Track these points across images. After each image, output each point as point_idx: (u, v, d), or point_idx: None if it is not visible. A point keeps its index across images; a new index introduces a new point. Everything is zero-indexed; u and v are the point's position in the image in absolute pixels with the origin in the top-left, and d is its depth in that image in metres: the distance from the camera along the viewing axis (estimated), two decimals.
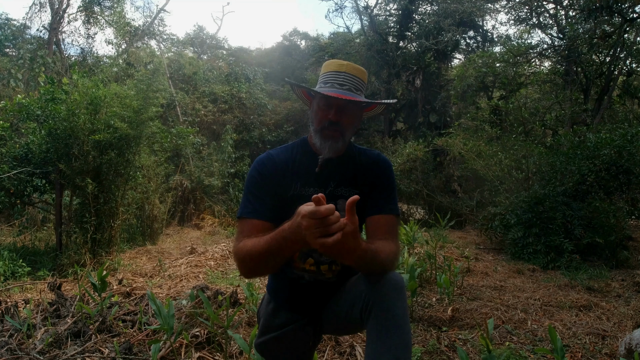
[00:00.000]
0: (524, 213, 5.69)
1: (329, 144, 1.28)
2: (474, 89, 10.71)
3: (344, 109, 1.28)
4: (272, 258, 1.11)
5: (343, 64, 1.31)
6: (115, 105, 5.11)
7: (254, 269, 1.18)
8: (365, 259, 1.10)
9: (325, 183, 1.33)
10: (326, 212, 0.92)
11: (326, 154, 1.28)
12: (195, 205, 9.28)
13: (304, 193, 1.32)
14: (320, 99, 1.31)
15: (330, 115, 1.27)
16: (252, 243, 1.15)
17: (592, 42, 7.64)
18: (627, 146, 5.60)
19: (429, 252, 3.99)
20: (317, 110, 1.31)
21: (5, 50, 12.21)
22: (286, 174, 1.32)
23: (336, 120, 1.27)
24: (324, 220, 0.93)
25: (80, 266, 4.41)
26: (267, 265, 1.15)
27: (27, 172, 5.10)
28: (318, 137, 1.30)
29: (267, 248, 1.09)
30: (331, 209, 0.92)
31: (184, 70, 12.85)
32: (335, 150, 1.29)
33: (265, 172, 1.32)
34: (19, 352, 2.21)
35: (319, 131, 1.29)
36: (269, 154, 1.37)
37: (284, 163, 1.34)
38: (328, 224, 0.93)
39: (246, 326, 2.74)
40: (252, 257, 1.14)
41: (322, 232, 0.93)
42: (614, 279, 4.38)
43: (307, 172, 1.34)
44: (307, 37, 21.14)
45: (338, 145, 1.29)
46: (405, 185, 9.42)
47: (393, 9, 13.59)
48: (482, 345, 1.89)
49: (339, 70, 1.30)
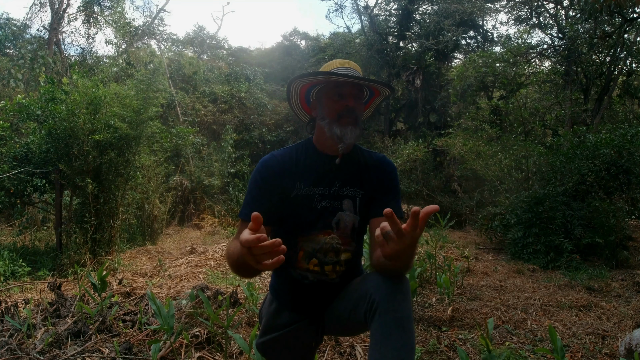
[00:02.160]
0: (523, 213, 5.69)
1: (349, 129, 1.28)
2: (474, 88, 10.72)
3: (357, 98, 1.31)
4: (242, 267, 1.13)
5: (347, 61, 1.36)
6: (115, 105, 5.11)
7: (235, 270, 1.21)
8: (412, 263, 1.11)
9: (331, 183, 1.33)
10: (246, 244, 0.88)
11: (348, 140, 1.28)
12: (195, 205, 9.28)
13: (309, 193, 1.32)
14: (332, 91, 1.32)
15: (347, 102, 1.29)
16: (233, 247, 1.17)
17: (592, 42, 7.65)
18: (627, 146, 5.60)
19: (429, 252, 3.99)
20: (328, 102, 1.32)
21: (6, 50, 12.21)
22: (290, 175, 1.32)
23: (353, 106, 1.29)
24: (253, 249, 0.89)
25: (80, 266, 4.41)
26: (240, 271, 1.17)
27: (27, 172, 5.09)
28: (336, 126, 1.29)
29: (236, 258, 1.12)
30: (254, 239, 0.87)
31: (184, 70, 12.85)
32: (356, 135, 1.29)
33: (267, 173, 1.32)
34: (19, 352, 2.21)
35: (337, 120, 1.29)
36: (272, 155, 1.37)
37: (287, 164, 1.34)
38: (256, 252, 0.90)
39: (246, 326, 2.74)
40: (229, 260, 1.19)
41: (255, 259, 0.91)
42: (614, 279, 4.38)
43: (312, 172, 1.34)
44: (307, 37, 21.11)
45: (357, 131, 1.30)
46: (405, 185, 9.43)
47: (393, 9, 13.60)
48: (482, 345, 1.89)
49: (344, 66, 1.35)
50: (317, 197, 1.32)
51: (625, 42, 8.04)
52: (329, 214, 1.32)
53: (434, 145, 9.97)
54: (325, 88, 1.35)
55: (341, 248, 1.33)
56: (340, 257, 1.34)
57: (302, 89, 1.42)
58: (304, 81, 1.36)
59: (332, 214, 1.32)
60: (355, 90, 1.30)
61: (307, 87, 1.41)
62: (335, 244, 1.32)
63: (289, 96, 1.43)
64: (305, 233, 1.32)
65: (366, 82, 1.31)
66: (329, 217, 1.32)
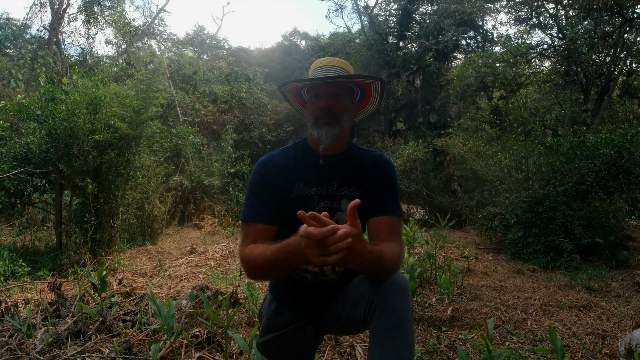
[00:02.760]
0: (523, 213, 5.69)
1: (325, 129, 1.27)
2: (474, 89, 10.71)
3: (333, 96, 1.29)
4: (278, 268, 1.14)
5: (324, 59, 1.37)
6: (115, 105, 5.11)
7: (259, 275, 1.22)
8: (370, 261, 1.10)
9: (328, 183, 1.33)
10: (320, 235, 0.93)
11: (324, 141, 1.27)
12: (195, 205, 9.28)
13: (307, 193, 1.32)
14: (310, 93, 1.33)
15: (321, 103, 1.28)
16: (258, 251, 1.17)
17: (592, 42, 7.64)
18: (627, 146, 5.59)
19: (429, 252, 3.99)
20: (310, 105, 1.33)
21: (6, 50, 12.21)
22: (289, 175, 1.33)
23: (326, 105, 1.28)
24: (322, 241, 0.93)
25: (80, 266, 4.41)
26: (272, 273, 1.21)
27: (27, 172, 5.09)
28: (315, 128, 1.29)
29: (274, 259, 1.12)
30: (329, 230, 0.93)
31: (184, 70, 12.84)
32: (333, 135, 1.27)
33: (267, 173, 1.32)
34: (19, 352, 2.21)
35: (315, 122, 1.30)
36: (270, 155, 1.37)
37: (285, 164, 1.34)
38: (327, 244, 0.94)
39: (246, 326, 2.74)
40: (258, 265, 1.17)
41: (321, 252, 0.95)
42: (614, 279, 4.38)
43: (309, 172, 1.34)
44: (307, 37, 21.13)
45: (335, 130, 1.28)
46: (405, 185, 9.42)
47: (393, 9, 13.60)
48: (482, 345, 1.89)
49: (321, 65, 1.35)
50: (316, 197, 1.32)
51: (625, 42, 8.04)
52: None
53: (434, 145, 9.97)
54: (308, 90, 1.36)
55: None
56: None
57: (294, 93, 1.43)
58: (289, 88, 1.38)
59: (330, 215, 1.32)
60: (331, 90, 1.29)
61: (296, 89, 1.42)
62: None
63: (288, 100, 1.45)
64: None
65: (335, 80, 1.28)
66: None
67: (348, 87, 1.36)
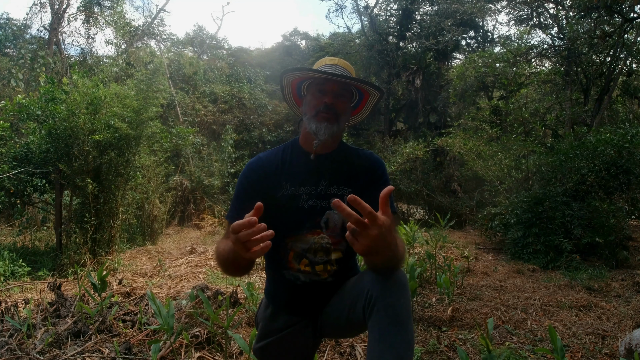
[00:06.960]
0: (523, 213, 5.69)
1: (324, 125, 1.28)
2: (474, 89, 10.72)
3: (338, 96, 1.31)
4: (229, 262, 1.17)
5: (335, 59, 1.38)
6: (115, 105, 5.11)
7: (223, 268, 1.26)
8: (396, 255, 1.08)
9: (317, 182, 1.34)
10: (238, 227, 0.93)
11: (321, 136, 1.28)
12: (195, 205, 9.28)
13: (295, 193, 1.33)
14: (314, 87, 1.33)
15: (325, 99, 1.29)
16: (220, 247, 1.22)
17: (592, 42, 7.63)
18: (627, 146, 5.59)
19: (429, 252, 3.99)
20: (312, 99, 1.33)
21: (6, 50, 12.22)
22: (275, 175, 1.34)
23: (331, 103, 1.29)
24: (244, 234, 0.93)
25: (80, 266, 4.41)
26: (230, 268, 1.23)
27: (27, 172, 5.10)
28: (313, 121, 1.30)
29: (225, 254, 1.16)
30: (245, 223, 0.93)
31: (184, 70, 12.85)
32: (331, 132, 1.29)
33: (252, 176, 1.34)
34: (19, 352, 2.21)
35: (314, 115, 1.30)
36: (258, 157, 1.39)
37: (273, 164, 1.36)
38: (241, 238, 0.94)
39: (246, 326, 2.74)
40: (219, 260, 1.24)
41: (241, 246, 0.95)
42: (614, 279, 4.38)
43: (299, 171, 1.35)
44: (308, 37, 21.13)
45: (333, 128, 1.29)
46: (405, 185, 9.42)
47: (393, 9, 13.59)
48: (482, 345, 1.89)
49: (332, 63, 1.36)
50: (304, 196, 1.33)
51: (625, 42, 8.03)
52: (316, 214, 1.32)
53: (434, 145, 9.96)
54: (311, 84, 1.36)
55: (331, 247, 1.33)
56: (330, 256, 1.33)
57: (294, 84, 1.43)
58: (291, 77, 1.38)
59: (320, 214, 1.32)
60: (337, 88, 1.31)
61: (297, 81, 1.42)
62: (325, 244, 1.32)
63: (283, 89, 1.44)
64: (293, 233, 1.33)
65: (349, 80, 1.31)
66: (317, 216, 1.32)
67: (351, 91, 1.38)
